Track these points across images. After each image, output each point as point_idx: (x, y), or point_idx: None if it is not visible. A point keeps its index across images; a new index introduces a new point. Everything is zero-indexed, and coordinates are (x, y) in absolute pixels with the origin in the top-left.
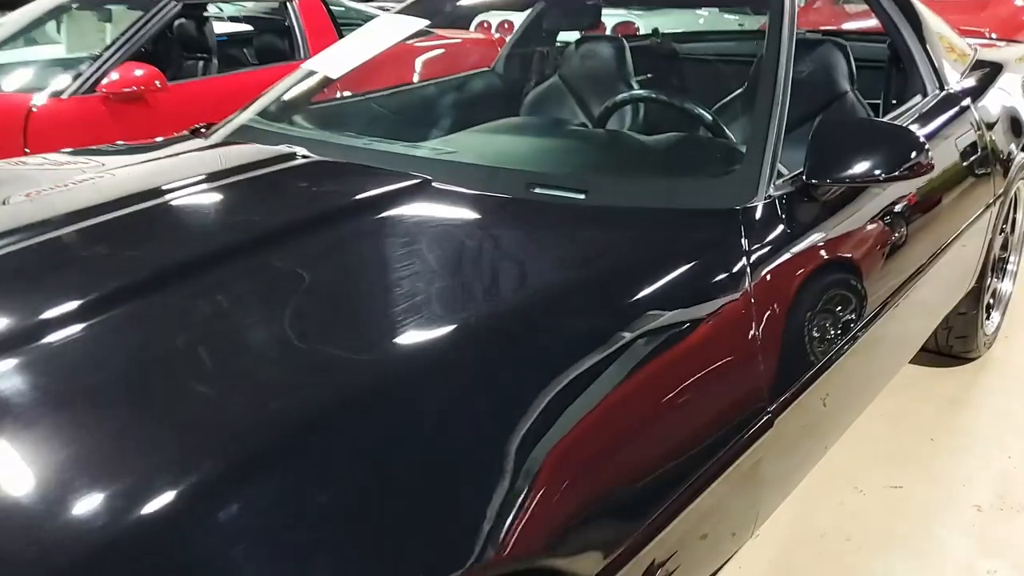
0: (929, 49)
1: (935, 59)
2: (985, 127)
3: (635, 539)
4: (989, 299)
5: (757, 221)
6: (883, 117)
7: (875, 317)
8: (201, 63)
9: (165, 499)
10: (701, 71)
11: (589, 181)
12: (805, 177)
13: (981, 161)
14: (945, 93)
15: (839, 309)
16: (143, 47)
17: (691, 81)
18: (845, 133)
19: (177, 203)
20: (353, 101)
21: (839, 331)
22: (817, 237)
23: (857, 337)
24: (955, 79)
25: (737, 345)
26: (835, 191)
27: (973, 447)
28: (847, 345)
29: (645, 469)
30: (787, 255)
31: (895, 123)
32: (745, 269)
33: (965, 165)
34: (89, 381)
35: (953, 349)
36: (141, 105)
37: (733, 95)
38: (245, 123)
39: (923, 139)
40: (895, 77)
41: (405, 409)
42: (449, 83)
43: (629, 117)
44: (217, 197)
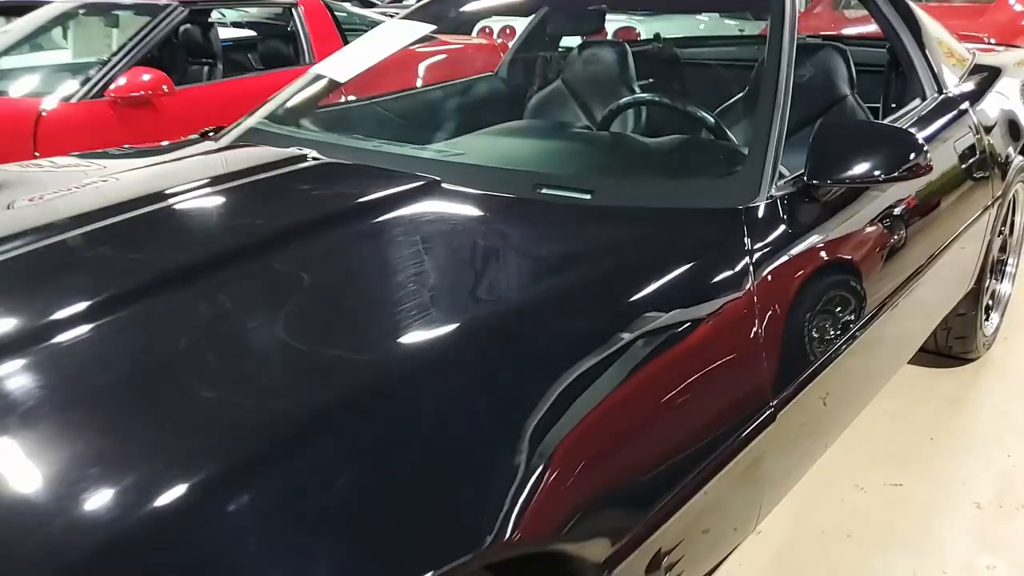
0: (928, 54)
1: (934, 63)
2: (983, 130)
3: (641, 528)
4: (988, 300)
5: (759, 220)
6: (882, 120)
7: (875, 316)
8: (206, 68)
9: (168, 498)
10: (702, 75)
11: (595, 182)
12: (806, 178)
13: (979, 164)
14: (944, 97)
15: (840, 307)
16: (150, 52)
17: (693, 85)
18: (845, 135)
19: (192, 203)
20: (359, 105)
21: (840, 329)
22: (818, 237)
23: (858, 335)
24: (953, 83)
25: (740, 341)
26: (836, 192)
27: (973, 447)
28: (848, 343)
29: (651, 461)
30: (789, 254)
31: (894, 125)
32: (748, 267)
33: (963, 168)
34: (97, 381)
35: (952, 350)
36: (149, 109)
37: (734, 99)
38: (254, 126)
39: (922, 141)
40: (894, 81)
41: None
42: (454, 87)
43: (632, 121)
44: (232, 197)
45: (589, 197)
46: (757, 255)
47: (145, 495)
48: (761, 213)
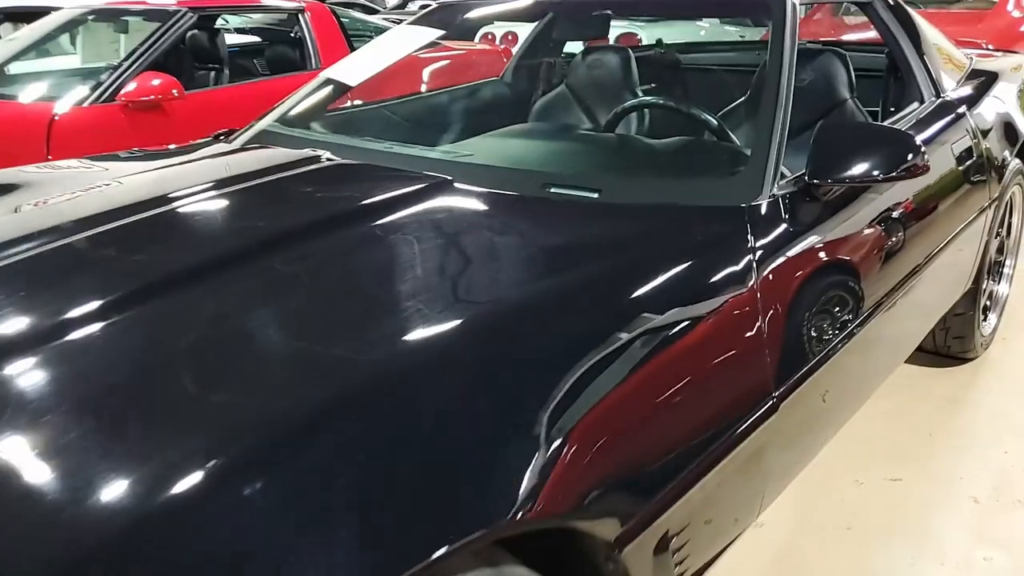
0: (926, 59)
1: (932, 68)
2: (980, 134)
3: (649, 510)
4: (986, 301)
5: (762, 218)
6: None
7: (875, 310)
8: (212, 73)
9: (171, 494)
10: (704, 80)
11: (602, 181)
12: (807, 177)
13: (976, 166)
14: (941, 100)
15: (841, 302)
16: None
17: (695, 90)
18: (845, 136)
19: (210, 203)
20: (368, 109)
21: (840, 324)
22: (819, 235)
23: (857, 330)
24: (951, 87)
25: (743, 334)
26: (836, 191)
27: (971, 444)
28: (848, 337)
29: (659, 446)
30: (790, 250)
31: (893, 127)
32: (751, 263)
33: (960, 170)
34: (108, 379)
35: (951, 349)
36: (158, 113)
37: (736, 103)
38: (267, 128)
39: (919, 142)
40: (893, 86)
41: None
42: (459, 92)
43: (635, 124)
44: (250, 197)
45: (597, 196)
46: (760, 252)
47: (156, 490)
48: (764, 211)
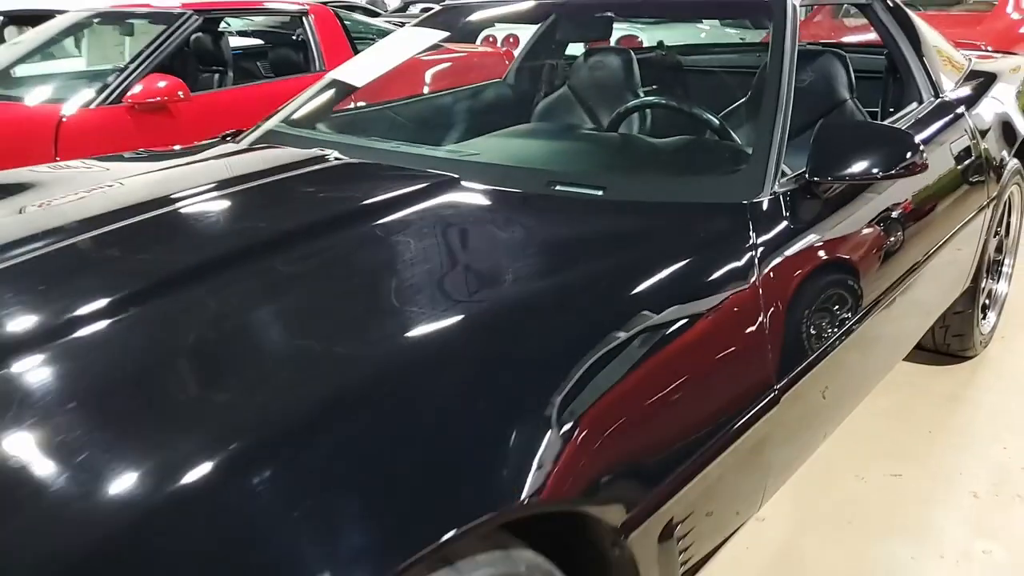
0: (925, 60)
1: (931, 69)
2: (979, 134)
3: (654, 497)
4: (985, 300)
5: (763, 214)
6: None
7: (875, 306)
8: (216, 76)
9: (172, 490)
10: (705, 82)
11: (606, 179)
12: (808, 175)
13: (975, 165)
14: (940, 101)
15: (841, 297)
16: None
17: (696, 91)
18: (845, 134)
19: (220, 201)
20: (373, 110)
21: (840, 318)
22: (819, 231)
23: (857, 325)
24: (950, 88)
25: (745, 328)
26: (836, 189)
27: (970, 441)
28: (848, 331)
29: (665, 435)
30: (791, 246)
31: (892, 126)
32: (753, 259)
33: (959, 169)
34: (114, 375)
35: (950, 348)
36: (164, 115)
37: (737, 103)
38: (273, 128)
39: (918, 140)
40: (892, 86)
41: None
42: (463, 93)
43: (637, 125)
44: (259, 195)
45: (601, 193)
46: (761, 248)
47: (163, 481)
48: (765, 207)
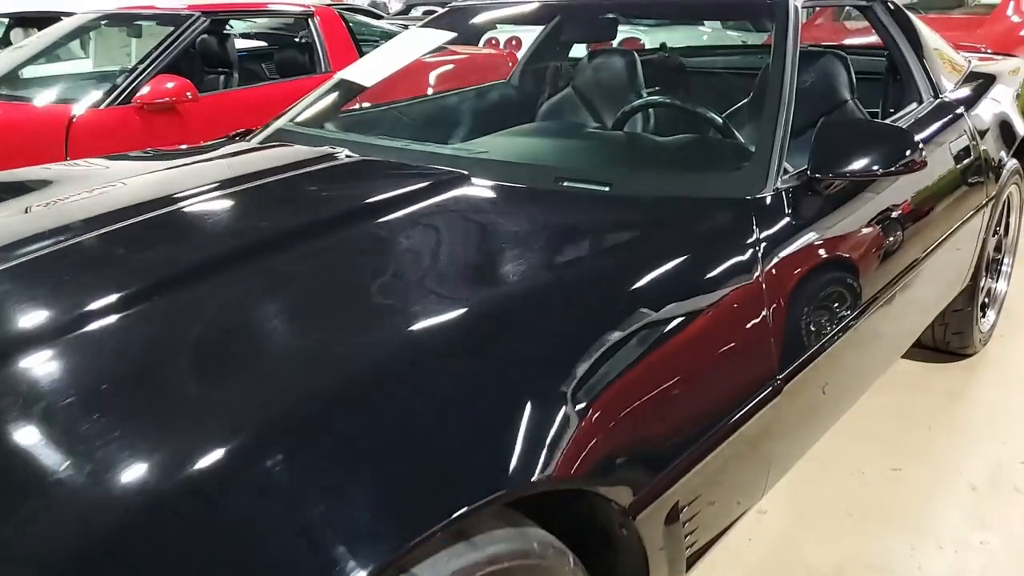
0: (925, 61)
1: (931, 70)
2: (978, 134)
3: (661, 480)
4: (984, 298)
5: (766, 209)
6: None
7: (875, 301)
8: (222, 77)
9: (175, 485)
10: (708, 83)
11: (612, 175)
12: (810, 172)
13: (973, 165)
14: (939, 101)
15: (841, 291)
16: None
17: (699, 93)
18: (846, 132)
19: (233, 198)
20: (380, 110)
21: (840, 314)
22: (821, 227)
23: (857, 320)
24: (949, 89)
25: (748, 320)
26: (837, 186)
27: (969, 436)
28: (848, 326)
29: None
30: (793, 241)
31: (893, 124)
32: (756, 254)
33: (958, 168)
34: (120, 370)
35: (950, 345)
36: (172, 115)
37: (740, 104)
38: (283, 127)
39: (918, 138)
40: (892, 87)
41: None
42: (468, 93)
43: (640, 125)
44: (270, 192)
45: (608, 189)
46: (764, 243)
47: (180, 467)
48: (768, 203)
